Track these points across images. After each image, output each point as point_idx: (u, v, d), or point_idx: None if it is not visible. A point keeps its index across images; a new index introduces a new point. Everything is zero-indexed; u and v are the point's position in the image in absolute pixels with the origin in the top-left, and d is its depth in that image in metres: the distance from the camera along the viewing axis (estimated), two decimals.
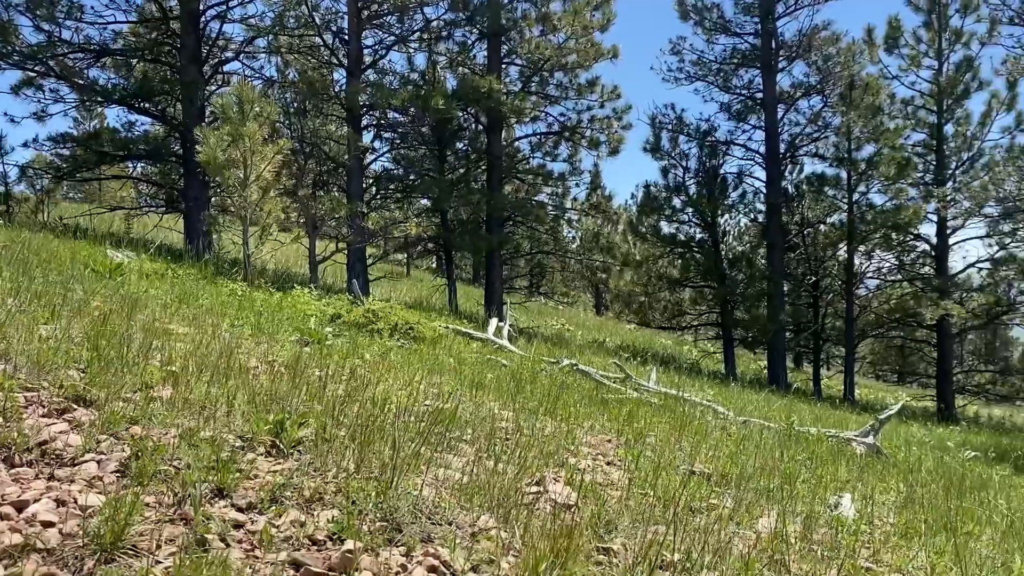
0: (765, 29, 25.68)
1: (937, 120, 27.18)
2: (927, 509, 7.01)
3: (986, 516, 7.42)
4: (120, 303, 7.78)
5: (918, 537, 5.96)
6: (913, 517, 6.58)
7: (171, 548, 3.41)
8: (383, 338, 11.25)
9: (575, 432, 7.15)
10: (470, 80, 20.19)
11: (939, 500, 7.58)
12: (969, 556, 5.37)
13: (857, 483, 7.72)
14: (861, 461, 9.54)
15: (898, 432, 14.80)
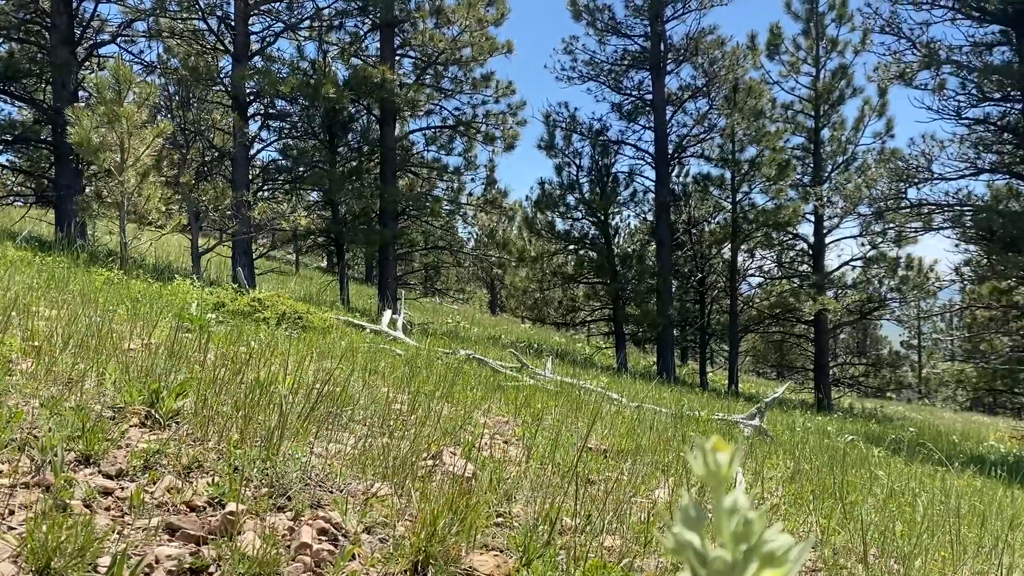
0: (654, 31, 26.23)
1: (815, 124, 28.42)
2: (813, 481, 7.25)
3: (867, 487, 7.72)
4: None
5: (806, 505, 6.14)
6: (800, 488, 6.80)
7: (27, 514, 3.12)
8: (270, 327, 10.81)
9: (472, 414, 7.06)
10: (362, 70, 19.77)
11: (824, 473, 7.82)
12: (855, 520, 5.59)
13: (747, 459, 7.89)
14: (750, 441, 9.76)
15: (781, 420, 15.26)
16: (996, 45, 20.59)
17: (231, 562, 3.13)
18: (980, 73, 20.31)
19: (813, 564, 4.60)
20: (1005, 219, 20.47)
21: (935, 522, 6.10)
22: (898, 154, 24.66)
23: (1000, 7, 19.69)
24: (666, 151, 26.71)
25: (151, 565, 3.04)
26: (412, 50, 22.09)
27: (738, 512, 0.81)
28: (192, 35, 19.15)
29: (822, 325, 28.24)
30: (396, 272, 22.33)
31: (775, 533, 0.82)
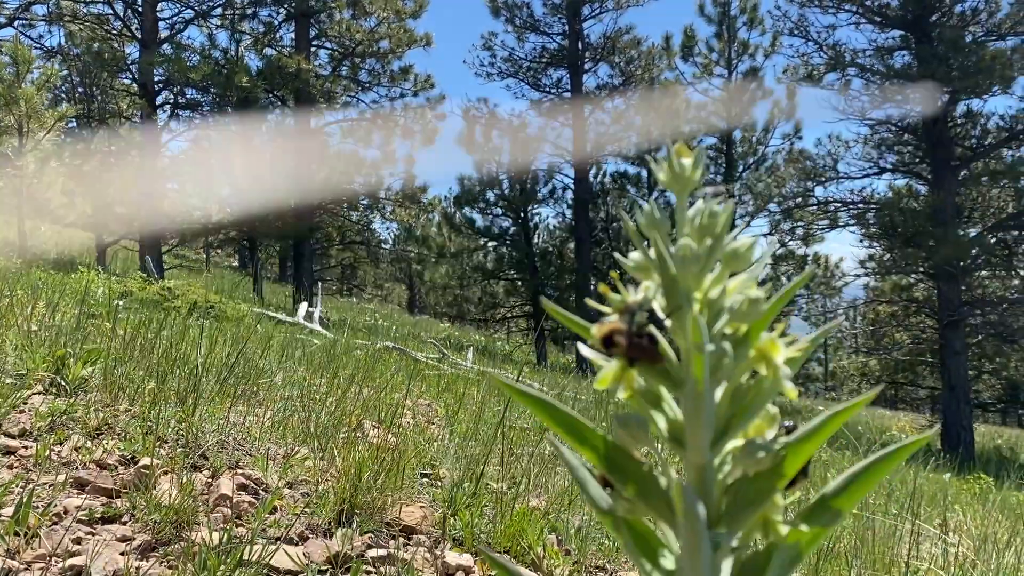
0: (572, 29, 26.48)
1: (727, 125, 29.06)
2: None
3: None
4: None
5: None
6: None
7: None
8: (181, 315, 10.43)
9: (393, 396, 7.00)
10: (277, 60, 19.32)
11: None
12: None
13: None
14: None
15: None
16: (897, 49, 21.50)
17: (146, 511, 3.02)
18: (882, 76, 21.16)
19: None
20: (905, 217, 21.36)
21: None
22: (806, 154, 25.49)
23: (900, 13, 20.56)
24: (585, 149, 26.94)
25: (60, 514, 2.93)
26: (328, 41, 21.74)
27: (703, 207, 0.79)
28: (96, 20, 18.33)
29: None
30: (312, 267, 21.89)
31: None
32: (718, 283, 0.81)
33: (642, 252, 0.83)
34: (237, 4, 20.21)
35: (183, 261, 29.59)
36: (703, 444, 0.76)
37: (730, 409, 0.79)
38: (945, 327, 20.28)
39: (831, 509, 0.79)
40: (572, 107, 26.88)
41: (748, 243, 0.80)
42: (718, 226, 0.79)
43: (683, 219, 0.81)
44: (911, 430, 25.31)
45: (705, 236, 0.79)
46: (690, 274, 0.77)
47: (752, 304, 0.77)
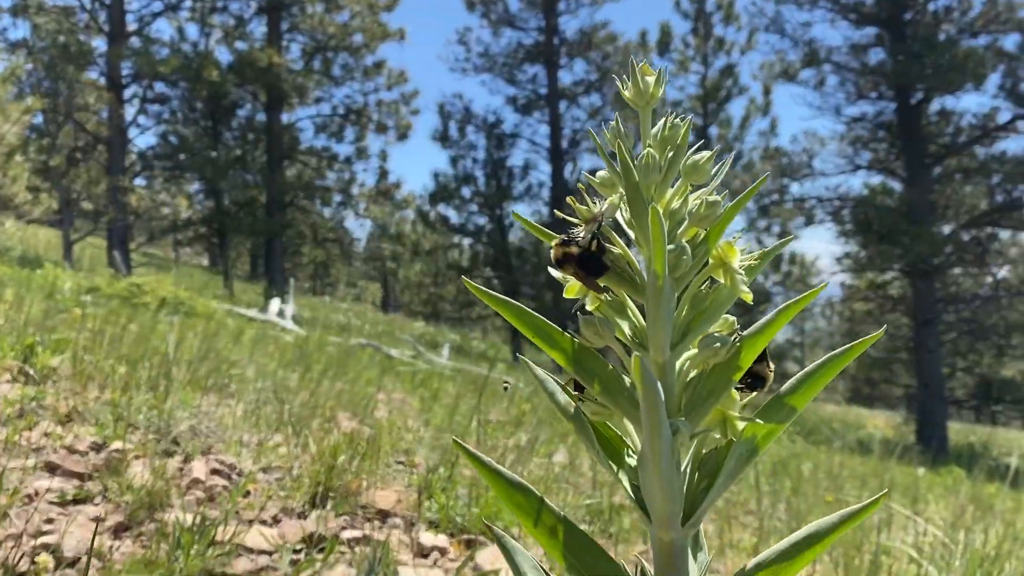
0: (548, 25, 26.44)
1: (703, 122, 29.13)
2: None
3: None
4: None
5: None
6: None
7: None
8: (150, 311, 10.26)
9: (367, 390, 6.96)
10: (248, 54, 19.07)
11: None
12: (744, 482, 5.86)
13: None
14: None
15: None
16: (872, 46, 21.66)
17: (118, 492, 2.95)
18: (857, 72, 21.33)
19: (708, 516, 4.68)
20: (880, 214, 21.54)
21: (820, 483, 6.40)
22: (782, 151, 25.63)
23: (874, 10, 20.73)
24: (560, 145, 26.93)
25: (31, 496, 2.87)
26: (300, 35, 21.53)
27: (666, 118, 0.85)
28: (62, 12, 17.97)
29: None
30: (284, 265, 21.65)
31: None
32: (680, 195, 0.84)
33: (609, 168, 0.86)
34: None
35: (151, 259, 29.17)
36: (663, 343, 0.78)
37: (689, 314, 0.82)
38: (920, 325, 20.47)
39: (786, 406, 0.83)
40: (548, 103, 26.84)
41: (708, 156, 0.83)
42: (679, 137, 0.82)
43: (647, 134, 0.85)
44: (886, 428, 25.56)
45: (667, 147, 0.82)
46: (652, 183, 0.80)
47: (710, 207, 0.80)
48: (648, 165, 0.80)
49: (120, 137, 17.81)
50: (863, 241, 23.31)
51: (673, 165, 0.82)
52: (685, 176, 0.83)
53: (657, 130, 0.85)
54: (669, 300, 0.78)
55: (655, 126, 0.87)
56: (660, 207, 0.82)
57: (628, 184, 0.80)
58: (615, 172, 0.84)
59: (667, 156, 0.82)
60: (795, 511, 5.08)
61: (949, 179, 21.81)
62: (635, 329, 0.84)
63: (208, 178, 20.14)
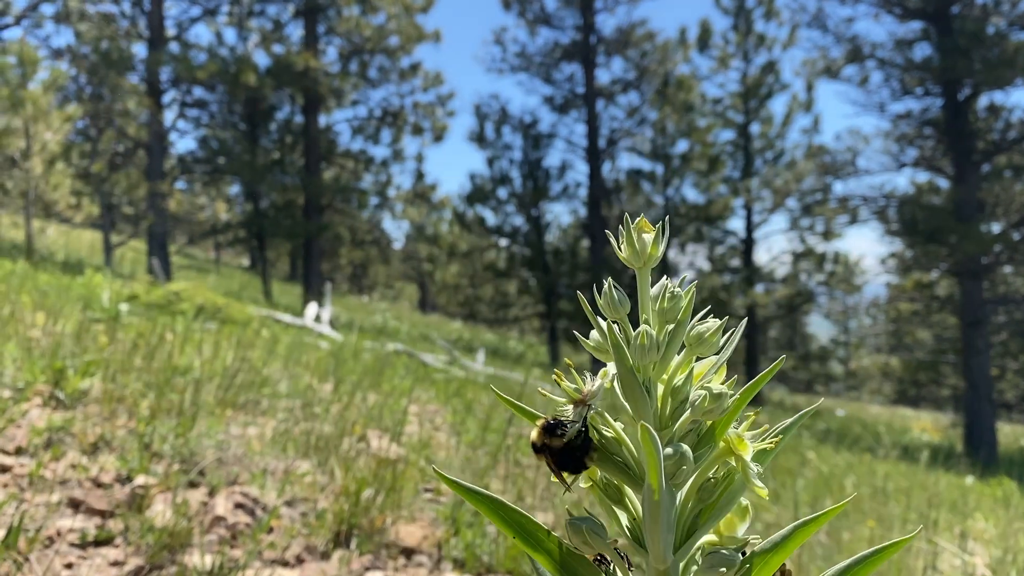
0: (586, 23, 26.26)
1: (744, 119, 28.72)
2: None
3: (798, 470, 7.83)
4: None
5: None
6: None
7: None
8: (187, 319, 10.32)
9: (400, 402, 6.90)
10: (285, 58, 19.16)
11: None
12: (786, 499, 5.69)
13: None
14: None
15: None
16: (917, 41, 21.13)
17: (139, 533, 2.91)
18: (902, 68, 20.83)
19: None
20: (926, 212, 21.03)
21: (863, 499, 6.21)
22: (825, 149, 25.15)
23: (920, 4, 20.22)
24: (598, 145, 26.74)
25: (52, 537, 2.84)
26: (337, 37, 21.58)
27: (664, 289, 0.75)
28: (103, 19, 18.22)
29: (753, 320, 28.62)
30: (320, 267, 21.76)
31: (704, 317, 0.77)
32: (683, 369, 0.75)
33: (599, 332, 0.78)
34: (244, 1, 20.08)
35: (193, 261, 29.54)
36: (663, 549, 0.71)
37: (696, 505, 0.74)
38: (968, 326, 19.94)
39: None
40: (585, 102, 26.65)
41: (714, 327, 0.75)
42: (679, 311, 0.73)
43: (646, 299, 0.75)
44: (933, 431, 24.95)
45: (666, 321, 0.74)
46: (649, 363, 0.72)
47: (714, 400, 0.71)
48: (643, 346, 0.71)
49: (159, 142, 18.02)
50: (909, 240, 22.78)
51: (675, 339, 0.73)
52: (690, 349, 0.74)
53: (657, 292, 0.75)
54: (668, 509, 0.70)
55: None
56: (661, 383, 0.73)
57: (621, 366, 0.70)
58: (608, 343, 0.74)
59: (666, 331, 0.73)
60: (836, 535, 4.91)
61: (998, 176, 21.22)
62: (634, 523, 0.75)
63: (246, 181, 20.31)
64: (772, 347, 43.01)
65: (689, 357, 0.75)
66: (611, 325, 0.72)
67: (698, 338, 0.74)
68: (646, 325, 0.73)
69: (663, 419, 0.72)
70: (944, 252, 20.62)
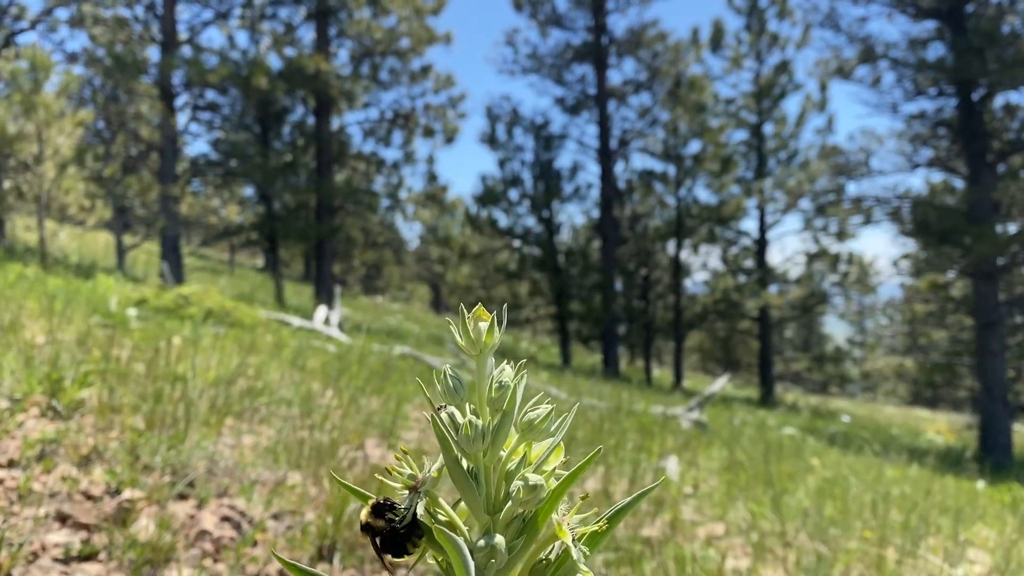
0: (597, 24, 26.24)
1: (757, 119, 28.60)
2: (747, 470, 7.28)
3: (801, 475, 7.78)
4: None
5: (739, 492, 6.17)
6: (735, 477, 6.82)
7: None
8: (196, 323, 10.38)
9: (403, 408, 6.90)
10: (296, 61, 19.26)
11: (758, 463, 7.83)
12: (785, 507, 5.64)
13: (683, 450, 7.90)
14: (687, 433, 9.77)
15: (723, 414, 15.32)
16: (931, 40, 20.96)
17: (122, 548, 2.94)
18: (915, 68, 20.67)
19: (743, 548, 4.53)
20: (940, 213, 20.87)
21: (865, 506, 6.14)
22: (838, 149, 25.01)
23: (934, 3, 20.06)
24: (609, 146, 26.72)
25: (36, 552, 2.87)
26: (348, 40, 21.65)
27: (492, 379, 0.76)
28: (117, 23, 18.38)
29: (766, 321, 28.51)
30: (333, 269, 21.87)
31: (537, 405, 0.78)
32: (517, 454, 0.77)
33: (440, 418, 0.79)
34: (256, 4, 20.19)
35: (207, 262, 29.74)
36: None
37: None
38: (983, 327, 19.76)
39: None
40: (597, 103, 26.63)
41: (544, 415, 0.76)
42: (505, 400, 0.75)
43: (482, 386, 0.77)
44: (948, 433, 24.75)
45: (495, 410, 0.75)
46: (476, 452, 0.73)
47: (530, 491, 0.73)
48: (468, 436, 0.72)
49: (172, 145, 18.16)
50: (923, 241, 22.62)
51: (503, 427, 0.74)
52: (521, 435, 0.76)
53: (490, 378, 0.77)
54: None
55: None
56: (492, 467, 0.75)
57: (446, 456, 0.74)
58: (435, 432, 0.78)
59: (494, 422, 0.74)
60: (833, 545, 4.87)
61: (1014, 177, 21.02)
62: None
63: (259, 184, 20.43)
64: (787, 348, 42.80)
65: (521, 441, 0.76)
66: (435, 421, 0.73)
67: (528, 425, 0.75)
68: (472, 415, 0.74)
69: (498, 503, 0.73)
70: (958, 253, 20.46)
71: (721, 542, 4.73)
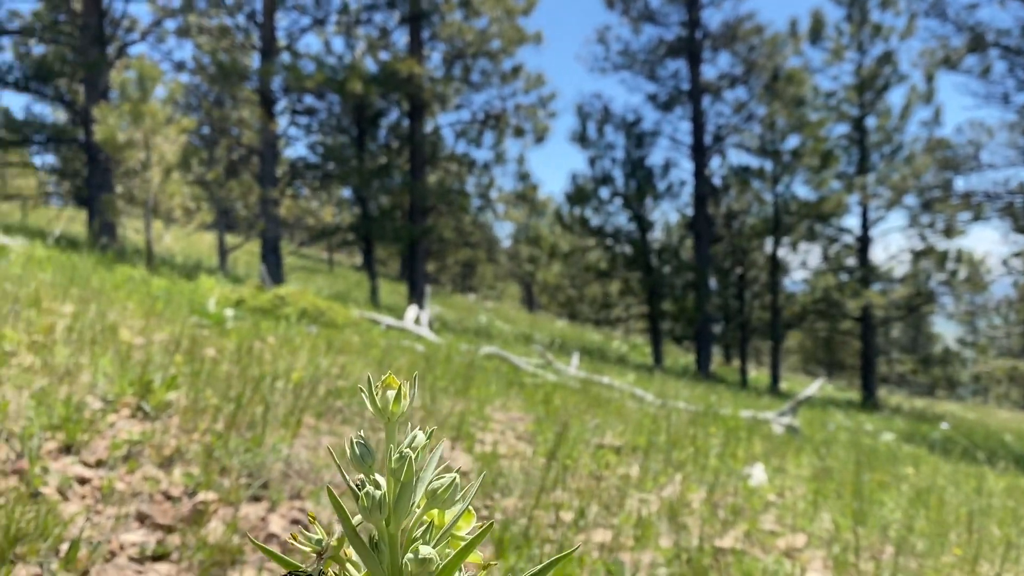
0: (691, 18, 25.85)
1: (859, 113, 27.62)
2: (836, 479, 7.07)
3: (894, 485, 7.49)
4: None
5: (826, 502, 5.99)
6: (822, 486, 6.62)
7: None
8: (290, 323, 10.73)
9: (484, 409, 6.97)
10: (390, 65, 19.69)
11: (849, 471, 7.59)
12: (874, 519, 5.44)
13: (771, 456, 7.72)
14: (778, 439, 9.54)
15: (819, 419, 14.89)
16: None
17: (193, 549, 3.08)
18: None
19: (824, 562, 4.39)
20: None
21: (962, 520, 5.85)
22: (945, 143, 23.92)
23: None
24: (703, 142, 26.29)
25: (114, 551, 3.03)
26: (441, 43, 21.98)
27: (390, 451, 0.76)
28: (220, 32, 19.19)
29: (869, 321, 27.52)
30: (426, 268, 22.26)
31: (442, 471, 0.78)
32: (425, 521, 0.76)
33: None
34: (352, 10, 20.73)
35: (307, 262, 30.67)
36: None
37: None
38: None
39: None
40: (690, 98, 26.23)
41: (447, 483, 0.76)
42: (403, 471, 0.73)
43: (391, 452, 0.76)
44: None
45: (398, 479, 0.74)
46: (377, 521, 0.73)
47: (420, 564, 0.71)
48: (366, 508, 0.72)
49: (271, 149, 18.83)
50: None
51: (403, 497, 0.73)
52: (428, 503, 0.75)
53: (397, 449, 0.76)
54: None
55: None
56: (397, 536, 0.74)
57: (345, 525, 0.73)
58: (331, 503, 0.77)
59: (397, 488, 0.74)
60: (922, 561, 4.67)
61: None
62: None
63: (355, 186, 20.97)
64: (893, 349, 41.18)
65: (428, 507, 0.75)
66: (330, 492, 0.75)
67: (432, 495, 0.75)
68: (369, 488, 0.73)
69: (405, 572, 0.72)
70: None
71: (801, 555, 4.62)
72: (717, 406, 11.23)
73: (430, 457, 0.78)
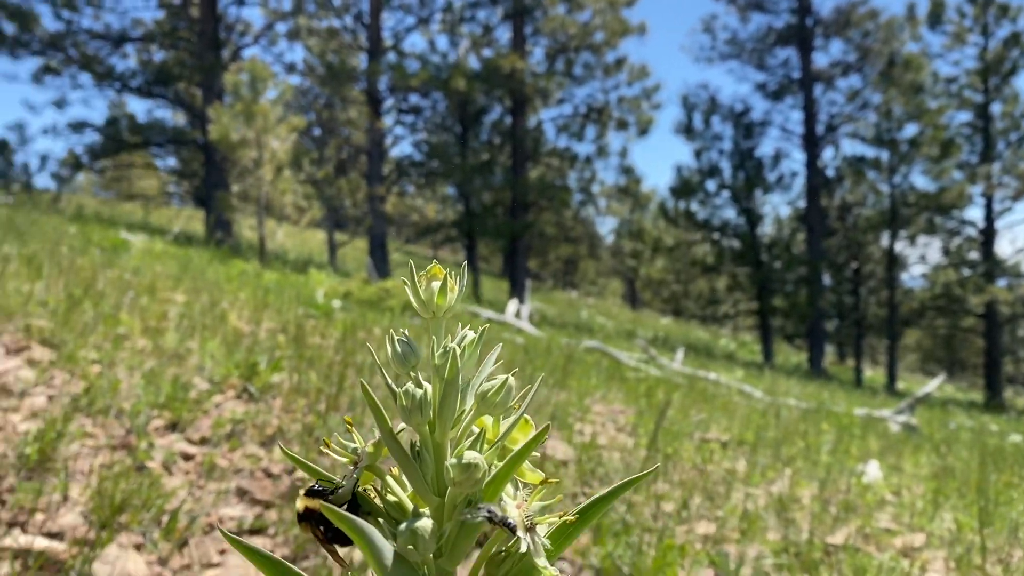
0: (801, 5, 25.06)
1: (983, 99, 26.13)
2: (959, 478, 6.67)
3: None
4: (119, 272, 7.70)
5: (947, 502, 5.65)
6: (943, 485, 6.26)
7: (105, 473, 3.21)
8: (394, 314, 10.90)
9: (584, 401, 6.89)
10: (492, 61, 19.80)
11: (972, 471, 7.15)
12: (1001, 520, 5.09)
13: (887, 454, 7.37)
14: (894, 437, 9.12)
15: (939, 418, 14.16)
16: None
17: (287, 525, 3.13)
18: None
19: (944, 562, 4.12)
20: None
21: None
22: None
23: None
24: (815, 131, 25.41)
25: (212, 524, 3.10)
26: (543, 38, 21.96)
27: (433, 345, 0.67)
28: (328, 34, 19.71)
29: (994, 318, 26.02)
30: (526, 264, 22.28)
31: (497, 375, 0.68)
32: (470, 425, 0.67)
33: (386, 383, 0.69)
34: (456, 7, 20.94)
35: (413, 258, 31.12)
36: None
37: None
38: None
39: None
40: (801, 87, 25.39)
41: (497, 385, 0.66)
42: (447, 368, 0.64)
43: (437, 349, 0.68)
44: None
45: (441, 379, 0.65)
46: (418, 423, 0.65)
47: (464, 471, 0.61)
48: (406, 408, 0.64)
49: (378, 148, 19.21)
50: None
51: (448, 398, 0.64)
52: (477, 408, 0.66)
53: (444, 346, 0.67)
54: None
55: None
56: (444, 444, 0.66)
57: (381, 428, 0.66)
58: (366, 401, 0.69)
59: (440, 388, 0.65)
60: None
61: None
62: None
63: (458, 183, 21.20)
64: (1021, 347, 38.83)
65: (477, 413, 0.67)
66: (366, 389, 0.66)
67: (482, 398, 0.66)
68: (410, 386, 0.65)
69: (447, 480, 0.64)
70: None
71: (920, 554, 4.36)
72: (829, 403, 10.83)
73: (485, 361, 0.68)
